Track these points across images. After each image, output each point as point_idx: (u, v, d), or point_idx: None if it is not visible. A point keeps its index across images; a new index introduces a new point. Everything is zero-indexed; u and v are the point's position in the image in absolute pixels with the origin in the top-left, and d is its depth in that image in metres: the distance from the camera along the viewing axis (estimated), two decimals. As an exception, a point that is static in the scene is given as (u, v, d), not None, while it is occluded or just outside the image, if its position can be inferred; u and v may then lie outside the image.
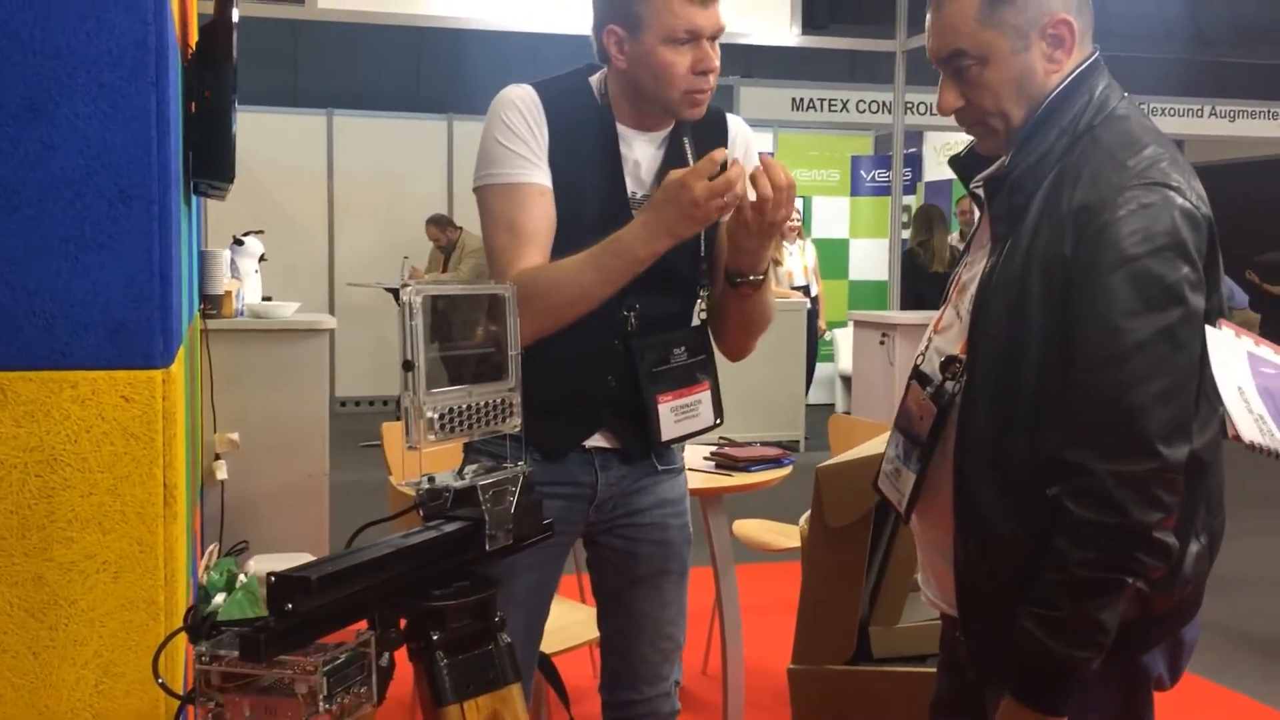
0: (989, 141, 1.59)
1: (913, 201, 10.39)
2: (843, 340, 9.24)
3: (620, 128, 1.93)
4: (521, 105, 1.90)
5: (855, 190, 10.83)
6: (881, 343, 5.62)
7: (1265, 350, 1.40)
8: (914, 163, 10.51)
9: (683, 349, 1.97)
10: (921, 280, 7.92)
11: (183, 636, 1.41)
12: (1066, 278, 1.43)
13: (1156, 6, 4.98)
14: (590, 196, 1.91)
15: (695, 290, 2.00)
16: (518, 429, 1.66)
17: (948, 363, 1.56)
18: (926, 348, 1.65)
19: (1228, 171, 12.37)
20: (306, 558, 3.97)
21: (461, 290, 1.61)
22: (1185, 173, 1.45)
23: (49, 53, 1.80)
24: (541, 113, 1.89)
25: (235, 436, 4.06)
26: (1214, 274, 1.44)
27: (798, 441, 8.16)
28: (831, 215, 10.68)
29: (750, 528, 3.87)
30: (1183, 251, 1.39)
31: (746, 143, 2.04)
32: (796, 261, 8.60)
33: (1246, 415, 1.24)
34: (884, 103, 8.99)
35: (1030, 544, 1.45)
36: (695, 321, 2.02)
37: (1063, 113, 1.51)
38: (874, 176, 10.71)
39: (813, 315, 8.54)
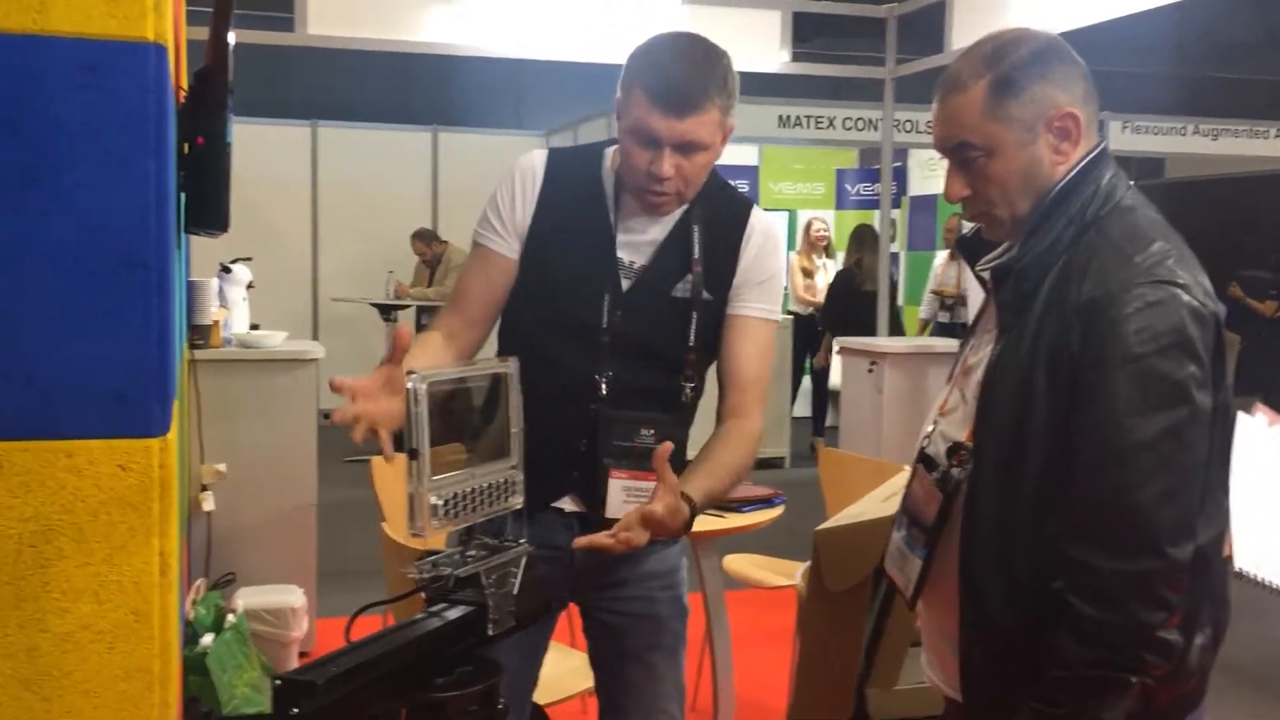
0: (995, 230, 1.60)
1: (898, 216, 10.42)
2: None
3: (630, 200, 1.92)
4: (518, 173, 1.93)
5: (840, 204, 10.86)
6: (870, 370, 5.62)
7: None
8: (899, 177, 10.53)
9: (652, 433, 1.89)
10: (855, 299, 7.98)
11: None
12: (1073, 373, 1.43)
13: (1139, 23, 5.02)
14: (583, 259, 1.91)
15: (679, 372, 1.94)
16: (520, 506, 1.66)
17: (954, 449, 1.56)
18: (932, 430, 1.65)
19: (1210, 188, 12.45)
20: (294, 589, 3.97)
21: (463, 373, 1.60)
22: (1192, 268, 1.46)
23: (48, 121, 1.78)
24: (538, 180, 1.92)
25: (222, 467, 4.03)
26: (1220, 370, 1.45)
27: (783, 458, 8.17)
28: (816, 228, 10.69)
29: (741, 563, 3.87)
30: (1189, 349, 1.40)
31: (762, 241, 1.96)
32: (822, 278, 8.65)
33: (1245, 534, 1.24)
34: (870, 119, 8.99)
35: (1036, 634, 1.45)
36: (683, 399, 1.95)
37: (1069, 203, 1.51)
38: (859, 190, 10.74)
39: (822, 332, 8.56)
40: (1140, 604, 1.37)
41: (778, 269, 2.00)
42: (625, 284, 1.91)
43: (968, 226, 1.71)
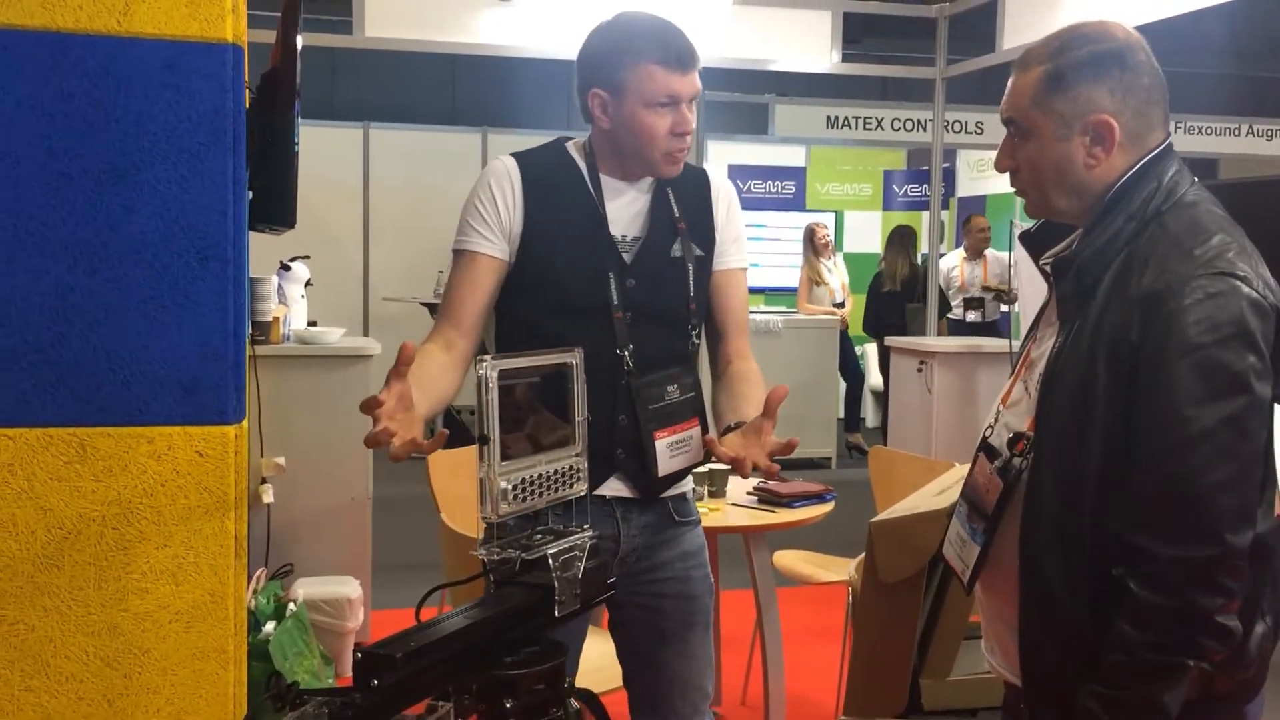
0: (1031, 208, 1.66)
1: (946, 217, 10.38)
2: (872, 355, 9.25)
3: (606, 179, 2.03)
4: (494, 180, 2.01)
5: (888, 205, 10.82)
6: (919, 370, 5.62)
7: None
8: (947, 178, 10.48)
9: (675, 387, 2.02)
10: (878, 299, 8.06)
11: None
12: (1133, 364, 1.45)
13: (1192, 22, 4.96)
14: (580, 245, 1.99)
15: (687, 328, 2.05)
16: (584, 493, 1.70)
17: (1015, 439, 1.59)
18: (995, 421, 1.68)
19: (1265, 189, 12.28)
20: (350, 581, 4.05)
21: (530, 362, 1.64)
22: (1253, 261, 1.48)
23: (130, 119, 1.85)
24: (516, 182, 2.00)
25: (281, 461, 4.12)
26: None
27: (829, 459, 8.17)
28: (863, 229, 10.68)
29: (791, 559, 3.89)
30: (1249, 340, 1.41)
31: (729, 199, 2.14)
32: (834, 278, 8.62)
33: None
34: (918, 120, 8.98)
35: (1095, 620, 1.47)
36: (691, 348, 2.07)
37: (1130, 198, 1.54)
38: (906, 191, 10.70)
39: (846, 332, 8.55)
40: (1199, 590, 1.39)
41: (743, 223, 2.18)
42: (627, 258, 2.00)
43: (1022, 225, 1.74)
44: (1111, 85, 1.55)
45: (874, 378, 9.05)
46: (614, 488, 2.02)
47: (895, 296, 7.96)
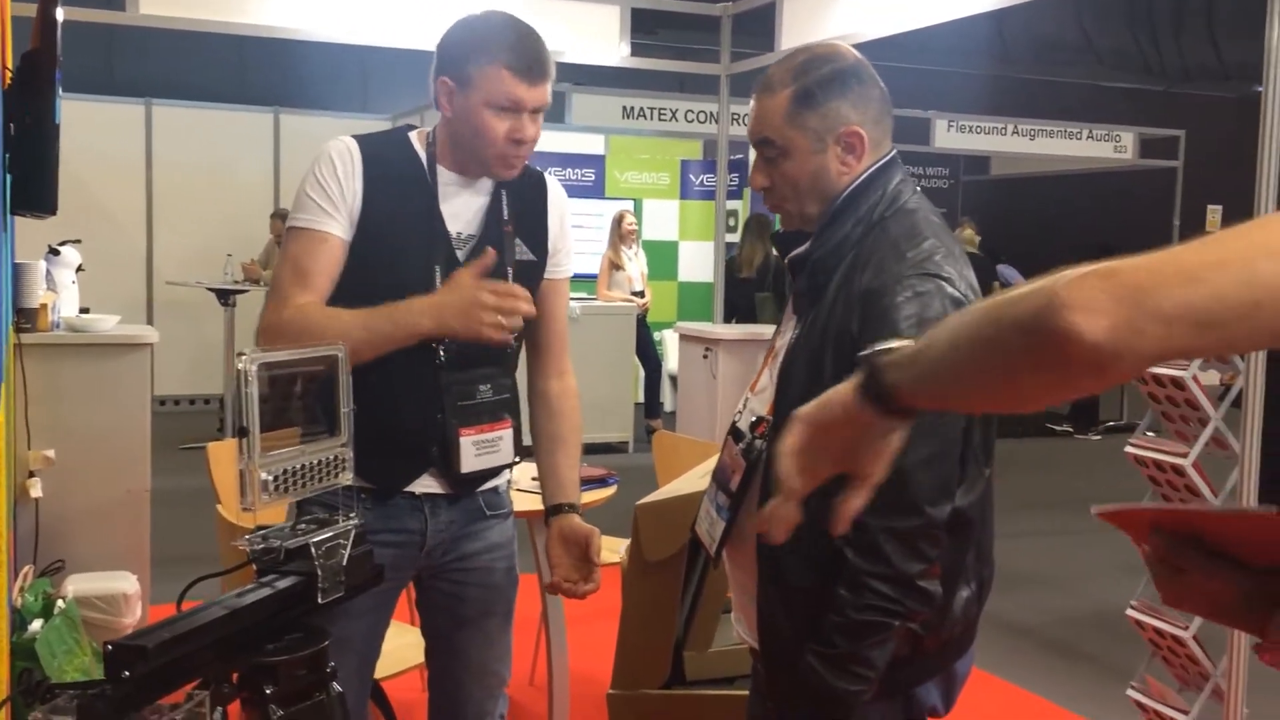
0: (787, 221, 1.77)
1: (739, 207, 10.70)
2: (670, 342, 9.48)
3: (446, 173, 2.04)
4: (336, 158, 1.98)
5: (685, 194, 11.08)
6: (705, 357, 5.83)
7: None
8: (740, 169, 10.80)
9: (488, 386, 2.06)
10: (731, 285, 8.34)
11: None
12: (854, 354, 1.60)
13: (962, 27, 5.30)
14: (412, 235, 2.01)
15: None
16: (349, 483, 1.74)
17: (757, 423, 1.72)
18: (744, 406, 1.81)
19: (1029, 185, 13.15)
20: (126, 576, 3.94)
21: (295, 355, 1.67)
22: (958, 264, 1.65)
23: None
24: (358, 163, 1.98)
25: (51, 453, 3.96)
26: None
27: (626, 442, 8.35)
28: (661, 218, 10.91)
29: (576, 542, 3.98)
30: None
31: (561, 210, 2.18)
32: (634, 266, 8.80)
33: None
34: (710, 112, 9.21)
35: (821, 589, 1.62)
36: (509, 350, 2.10)
37: (859, 204, 1.69)
38: (703, 181, 10.99)
39: (643, 319, 8.74)
40: (901, 557, 1.55)
41: (571, 232, 2.23)
42: (461, 255, 2.02)
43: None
44: (854, 99, 1.70)
45: (671, 363, 9.28)
46: (424, 484, 2.05)
47: (748, 284, 8.20)
